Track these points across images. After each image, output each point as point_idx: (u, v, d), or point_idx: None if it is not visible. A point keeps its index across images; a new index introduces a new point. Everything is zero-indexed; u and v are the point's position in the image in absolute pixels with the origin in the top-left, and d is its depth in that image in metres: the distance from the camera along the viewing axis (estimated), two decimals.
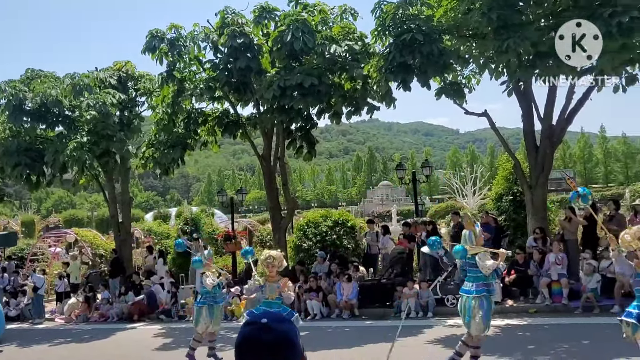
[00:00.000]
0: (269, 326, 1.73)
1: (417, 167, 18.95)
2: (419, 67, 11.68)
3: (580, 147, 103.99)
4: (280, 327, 1.75)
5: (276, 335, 1.72)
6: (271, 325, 1.74)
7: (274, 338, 1.72)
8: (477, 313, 7.69)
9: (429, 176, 18.82)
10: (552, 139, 13.54)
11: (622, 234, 6.63)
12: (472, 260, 8.00)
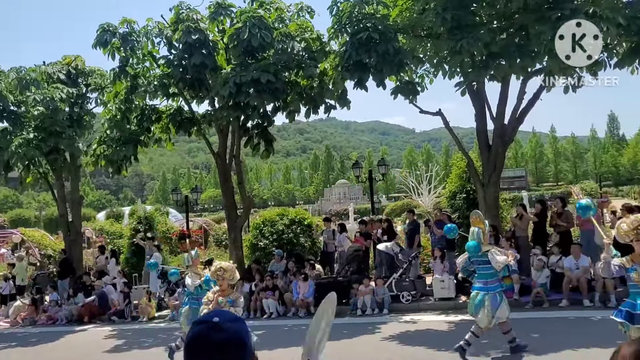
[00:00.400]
0: (220, 325, 1.68)
1: (374, 165, 19.12)
2: (374, 66, 11.75)
3: (531, 147, 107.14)
4: (231, 326, 1.69)
5: (227, 335, 1.67)
6: (222, 324, 1.68)
7: (225, 337, 1.66)
8: (487, 307, 7.99)
9: (385, 175, 18.99)
10: (504, 138, 13.84)
11: (618, 223, 6.54)
12: (484, 257, 8.18)
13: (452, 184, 16.79)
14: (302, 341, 2.19)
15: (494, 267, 8.06)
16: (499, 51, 11.11)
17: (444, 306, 12.39)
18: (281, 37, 12.76)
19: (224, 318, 1.71)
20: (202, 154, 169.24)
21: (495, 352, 8.51)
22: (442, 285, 12.70)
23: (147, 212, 22.83)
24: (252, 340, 1.75)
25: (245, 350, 1.70)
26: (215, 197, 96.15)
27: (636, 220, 6.12)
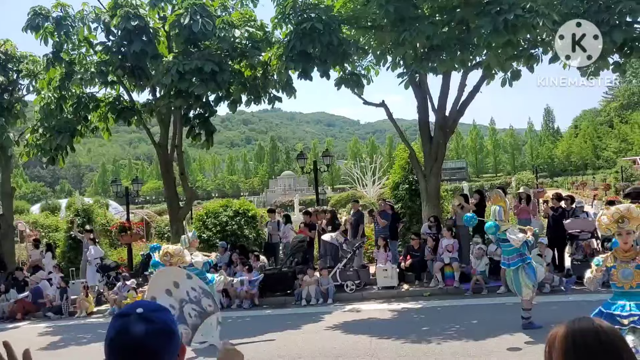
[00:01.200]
0: (145, 316, 1.61)
1: (319, 157, 19.14)
2: (319, 57, 11.73)
3: (472, 139, 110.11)
4: (157, 317, 1.63)
5: (153, 326, 1.60)
6: (147, 315, 1.61)
7: (151, 329, 1.59)
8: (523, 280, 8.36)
9: (330, 166, 19.05)
10: (445, 129, 14.14)
11: (598, 216, 5.87)
12: (503, 236, 8.51)
13: (395, 174, 17.00)
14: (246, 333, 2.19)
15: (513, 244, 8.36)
16: (440, 44, 11.29)
17: (387, 295, 12.59)
18: (224, 26, 12.53)
19: (148, 308, 1.64)
20: (144, 144, 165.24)
21: (436, 338, 8.70)
22: (385, 274, 12.88)
23: (85, 205, 22.08)
24: (179, 331, 1.70)
25: (173, 339, 1.64)
26: (157, 189, 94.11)
27: (616, 212, 5.34)
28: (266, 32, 13.41)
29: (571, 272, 12.30)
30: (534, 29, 10.52)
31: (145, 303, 1.69)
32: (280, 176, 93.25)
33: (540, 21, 10.17)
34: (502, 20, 10.14)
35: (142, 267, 16.42)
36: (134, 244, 19.13)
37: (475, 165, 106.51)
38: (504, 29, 10.22)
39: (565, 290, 11.53)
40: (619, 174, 44.99)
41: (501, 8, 10.30)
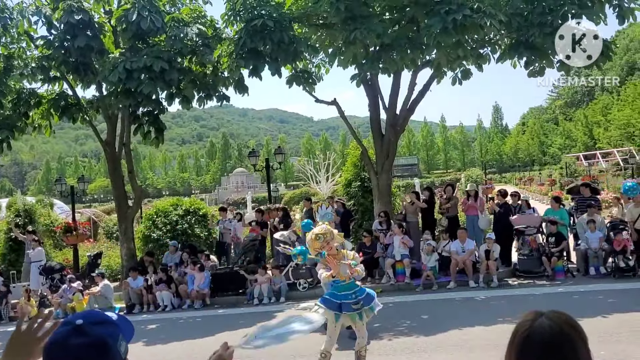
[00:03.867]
0: (83, 328, 1.54)
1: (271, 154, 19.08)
2: (270, 54, 11.65)
3: (423, 136, 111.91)
4: (95, 330, 1.55)
5: (88, 339, 1.53)
6: (85, 327, 1.54)
7: (84, 342, 1.52)
8: None
9: (282, 163, 18.98)
10: (396, 127, 14.29)
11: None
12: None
13: (348, 172, 17.08)
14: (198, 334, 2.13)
15: None
16: (391, 43, 11.40)
17: None
18: (173, 22, 12.27)
19: (89, 320, 1.57)
20: (91, 141, 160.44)
21: (388, 334, 8.79)
22: None
23: (28, 204, 21.26)
24: (122, 346, 1.62)
25: (107, 356, 1.56)
26: (105, 187, 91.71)
27: None
28: (217, 29, 13.21)
29: (518, 267, 12.64)
30: (482, 28, 10.75)
31: (89, 314, 1.62)
32: (232, 173, 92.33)
33: (488, 21, 10.40)
34: (451, 20, 10.31)
35: (88, 268, 15.95)
36: (80, 244, 18.57)
37: (426, 161, 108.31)
38: (452, 28, 10.41)
39: None
40: (564, 170, 46.58)
41: (450, 8, 10.47)
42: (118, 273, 16.54)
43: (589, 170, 45.48)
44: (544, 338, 1.65)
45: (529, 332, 1.68)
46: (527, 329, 1.70)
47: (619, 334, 7.17)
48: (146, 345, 9.78)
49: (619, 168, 45.06)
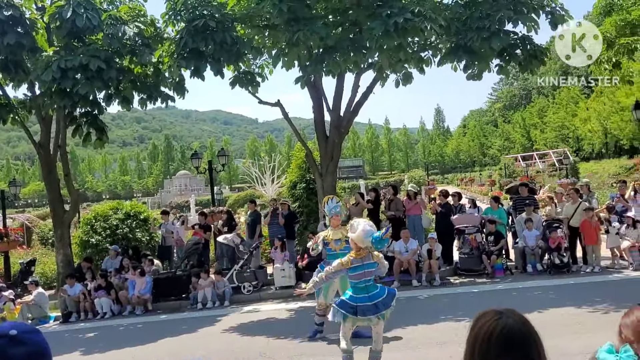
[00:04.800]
0: (19, 338, 1.52)
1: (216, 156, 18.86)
2: (212, 55, 11.46)
3: (368, 138, 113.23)
4: (31, 339, 1.54)
5: (28, 348, 1.51)
6: (21, 337, 1.52)
7: (27, 351, 1.51)
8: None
9: (226, 165, 18.75)
10: (340, 129, 14.36)
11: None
12: None
13: (293, 174, 17.06)
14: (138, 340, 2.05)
15: None
16: (334, 45, 11.44)
17: (285, 294, 12.58)
18: (111, 20, 11.88)
19: (21, 330, 1.55)
20: (24, 143, 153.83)
21: (333, 334, 8.79)
22: (283, 274, 12.88)
23: None
24: None
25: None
26: (40, 192, 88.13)
27: None
28: (157, 29, 12.89)
29: (459, 265, 12.94)
30: (423, 32, 10.93)
31: (17, 324, 1.60)
32: (175, 176, 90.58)
33: (428, 25, 10.59)
34: (392, 23, 10.42)
35: (21, 276, 15.27)
36: (12, 251, 17.74)
37: (371, 163, 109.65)
38: (394, 31, 10.52)
39: None
40: (503, 170, 48.09)
41: (391, 11, 10.59)
42: (54, 280, 15.89)
43: (527, 170, 47.13)
44: (508, 336, 1.69)
45: (493, 331, 1.71)
46: (491, 328, 1.72)
47: (555, 328, 7.45)
48: (83, 355, 9.44)
49: (554, 168, 46.96)
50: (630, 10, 14.16)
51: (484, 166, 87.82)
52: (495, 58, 12.34)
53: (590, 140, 66.14)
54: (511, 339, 1.70)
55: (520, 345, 1.69)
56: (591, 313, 8.54)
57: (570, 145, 68.25)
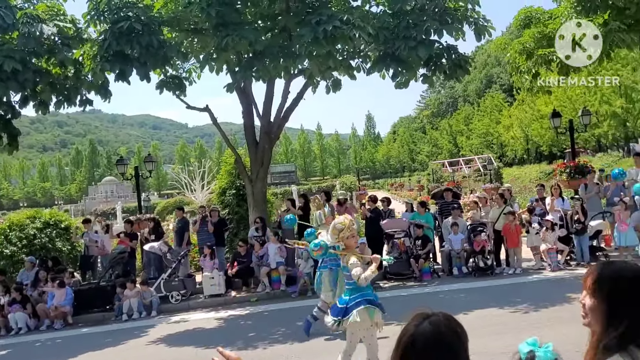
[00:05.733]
0: None
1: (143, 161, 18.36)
2: (138, 58, 11.12)
3: (300, 143, 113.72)
4: None
5: None
6: None
7: None
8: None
9: (153, 171, 18.24)
10: (271, 135, 14.30)
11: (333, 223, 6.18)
12: None
13: (222, 180, 16.82)
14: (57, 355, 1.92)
15: None
16: (263, 51, 11.37)
17: (214, 303, 12.36)
18: (27, 19, 11.28)
19: None
20: None
21: (262, 343, 8.70)
22: (212, 282, 12.64)
23: None
24: None
25: None
26: None
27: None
28: (78, 29, 12.35)
29: (388, 269, 13.13)
30: (351, 40, 11.07)
31: None
32: (101, 182, 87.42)
33: (357, 33, 10.73)
34: (321, 30, 10.48)
35: None
36: None
37: (304, 168, 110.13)
38: (323, 39, 10.58)
39: None
40: (431, 176, 49.50)
41: (321, 19, 10.65)
42: None
43: (453, 176, 48.68)
44: (425, 343, 1.70)
45: (412, 336, 1.73)
46: (411, 333, 1.74)
47: (479, 328, 7.68)
48: None
49: (479, 174, 48.78)
50: (547, 23, 14.92)
51: (413, 171, 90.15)
52: (422, 67, 12.64)
53: (513, 147, 69.34)
54: (429, 346, 1.72)
55: (437, 353, 1.71)
56: (512, 313, 8.88)
57: (495, 151, 71.25)
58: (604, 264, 1.96)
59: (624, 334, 1.76)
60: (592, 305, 1.89)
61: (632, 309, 1.80)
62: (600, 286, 1.87)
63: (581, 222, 12.53)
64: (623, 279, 1.85)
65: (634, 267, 1.89)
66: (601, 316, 1.84)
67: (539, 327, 7.69)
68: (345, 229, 5.89)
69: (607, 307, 1.84)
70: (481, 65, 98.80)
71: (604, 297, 1.85)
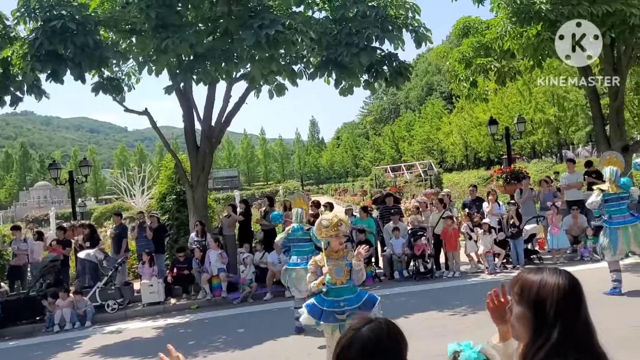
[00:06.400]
0: None
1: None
2: (72, 59, 10.71)
3: (243, 148, 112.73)
4: None
5: None
6: None
7: None
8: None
9: (88, 175, 17.61)
10: (212, 139, 14.07)
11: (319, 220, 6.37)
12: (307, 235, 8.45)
13: (162, 185, 16.42)
14: None
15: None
16: (204, 53, 11.19)
17: (153, 311, 12.02)
18: None
19: None
20: None
21: (202, 351, 8.51)
22: (151, 289, 12.29)
23: None
24: None
25: None
26: None
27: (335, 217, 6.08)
28: (6, 26, 11.78)
29: None
30: (294, 45, 11.04)
31: None
32: (33, 187, 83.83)
33: (299, 38, 10.71)
34: (264, 34, 10.41)
35: None
36: None
37: (247, 173, 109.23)
38: (265, 43, 10.51)
39: None
40: (374, 181, 50.08)
41: (263, 23, 10.58)
42: None
43: (395, 181, 49.45)
44: (362, 349, 1.69)
45: (349, 342, 1.72)
46: (348, 339, 1.72)
47: (420, 332, 7.77)
48: None
49: (420, 179, 49.76)
50: (484, 33, 15.40)
51: (356, 177, 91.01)
52: (364, 73, 12.76)
53: (453, 153, 71.22)
54: (365, 353, 1.70)
55: (381, 354, 1.71)
56: (452, 316, 9.04)
57: (435, 157, 72.96)
58: (530, 270, 1.86)
59: (553, 347, 1.68)
60: (519, 314, 1.79)
61: (559, 318, 1.71)
62: (527, 292, 1.78)
63: (516, 226, 12.94)
64: (549, 285, 1.76)
65: (563, 272, 1.81)
66: (528, 325, 1.76)
67: (478, 329, 7.86)
68: (331, 226, 5.86)
69: (533, 315, 1.74)
70: (422, 73, 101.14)
71: (530, 305, 1.76)
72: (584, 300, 1.76)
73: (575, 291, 1.76)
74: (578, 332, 1.70)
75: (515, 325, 1.81)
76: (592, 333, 1.73)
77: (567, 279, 1.77)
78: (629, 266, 11.45)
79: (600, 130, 15.60)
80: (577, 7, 11.95)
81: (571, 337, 1.69)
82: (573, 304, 1.73)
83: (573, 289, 1.75)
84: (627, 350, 6.14)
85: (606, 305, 8.24)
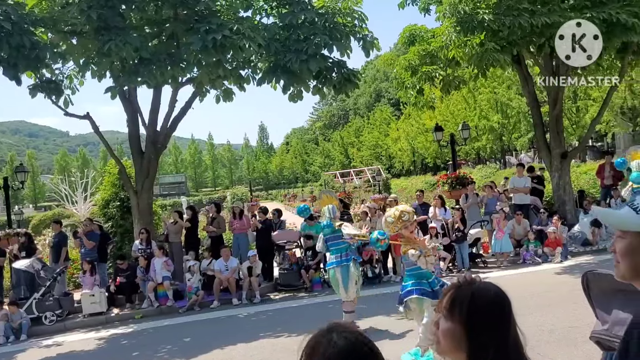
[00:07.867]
0: None
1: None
2: (7, 59, 10.25)
3: (191, 153, 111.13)
4: None
5: None
6: None
7: None
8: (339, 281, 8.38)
9: (25, 182, 16.88)
10: (157, 144, 13.75)
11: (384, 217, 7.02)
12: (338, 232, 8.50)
13: (105, 191, 15.91)
14: None
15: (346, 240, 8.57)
16: (150, 57, 10.92)
17: (94, 322, 11.61)
18: None
19: None
20: None
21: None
22: (93, 299, 11.87)
23: None
24: None
25: None
26: None
27: (397, 211, 6.74)
28: None
29: (279, 281, 13.06)
30: (241, 50, 10.91)
31: None
32: None
33: (247, 43, 10.61)
34: (210, 39, 10.27)
35: None
36: None
37: (194, 179, 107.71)
38: (212, 47, 10.37)
39: None
40: (323, 186, 50.26)
41: (210, 27, 10.44)
42: None
43: (345, 187, 49.77)
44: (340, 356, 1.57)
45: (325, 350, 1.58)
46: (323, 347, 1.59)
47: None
48: None
49: (369, 184, 50.28)
50: (430, 41, 15.69)
51: (306, 182, 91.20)
52: (313, 80, 12.76)
53: (401, 159, 72.29)
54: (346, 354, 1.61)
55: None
56: (399, 320, 9.10)
57: (383, 162, 73.88)
58: (462, 283, 1.73)
59: None
60: (448, 329, 1.67)
61: (494, 333, 1.62)
62: (458, 308, 1.67)
63: (461, 231, 13.20)
64: (483, 299, 1.66)
65: (494, 286, 1.72)
66: (460, 342, 1.65)
67: None
68: (396, 220, 6.51)
69: (465, 331, 1.64)
70: (370, 80, 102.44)
71: (462, 320, 1.65)
72: (513, 316, 1.68)
73: (506, 308, 1.68)
74: (510, 350, 1.64)
75: (441, 341, 1.70)
76: (521, 347, 1.67)
77: (499, 296, 1.69)
78: (567, 268, 11.88)
79: (541, 136, 16.15)
80: (519, 17, 12.35)
81: (506, 355, 1.63)
82: (506, 321, 1.66)
83: (504, 306, 1.68)
84: (569, 347, 6.35)
85: (551, 305, 8.49)
